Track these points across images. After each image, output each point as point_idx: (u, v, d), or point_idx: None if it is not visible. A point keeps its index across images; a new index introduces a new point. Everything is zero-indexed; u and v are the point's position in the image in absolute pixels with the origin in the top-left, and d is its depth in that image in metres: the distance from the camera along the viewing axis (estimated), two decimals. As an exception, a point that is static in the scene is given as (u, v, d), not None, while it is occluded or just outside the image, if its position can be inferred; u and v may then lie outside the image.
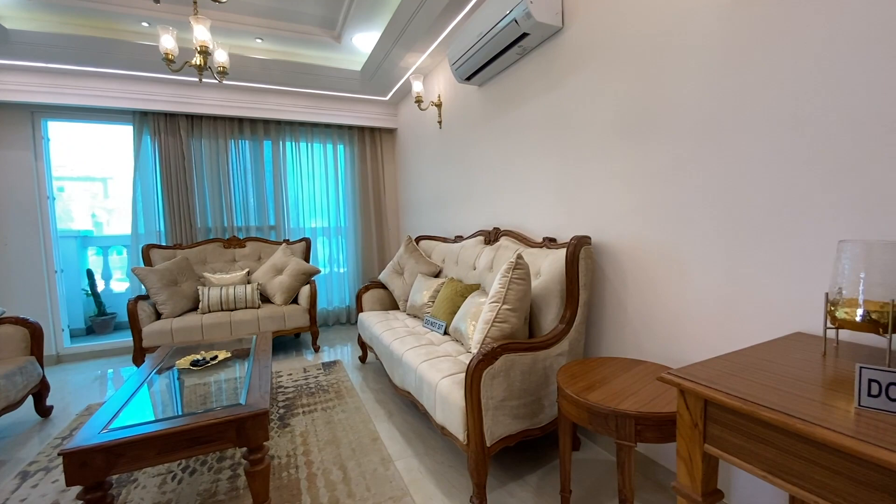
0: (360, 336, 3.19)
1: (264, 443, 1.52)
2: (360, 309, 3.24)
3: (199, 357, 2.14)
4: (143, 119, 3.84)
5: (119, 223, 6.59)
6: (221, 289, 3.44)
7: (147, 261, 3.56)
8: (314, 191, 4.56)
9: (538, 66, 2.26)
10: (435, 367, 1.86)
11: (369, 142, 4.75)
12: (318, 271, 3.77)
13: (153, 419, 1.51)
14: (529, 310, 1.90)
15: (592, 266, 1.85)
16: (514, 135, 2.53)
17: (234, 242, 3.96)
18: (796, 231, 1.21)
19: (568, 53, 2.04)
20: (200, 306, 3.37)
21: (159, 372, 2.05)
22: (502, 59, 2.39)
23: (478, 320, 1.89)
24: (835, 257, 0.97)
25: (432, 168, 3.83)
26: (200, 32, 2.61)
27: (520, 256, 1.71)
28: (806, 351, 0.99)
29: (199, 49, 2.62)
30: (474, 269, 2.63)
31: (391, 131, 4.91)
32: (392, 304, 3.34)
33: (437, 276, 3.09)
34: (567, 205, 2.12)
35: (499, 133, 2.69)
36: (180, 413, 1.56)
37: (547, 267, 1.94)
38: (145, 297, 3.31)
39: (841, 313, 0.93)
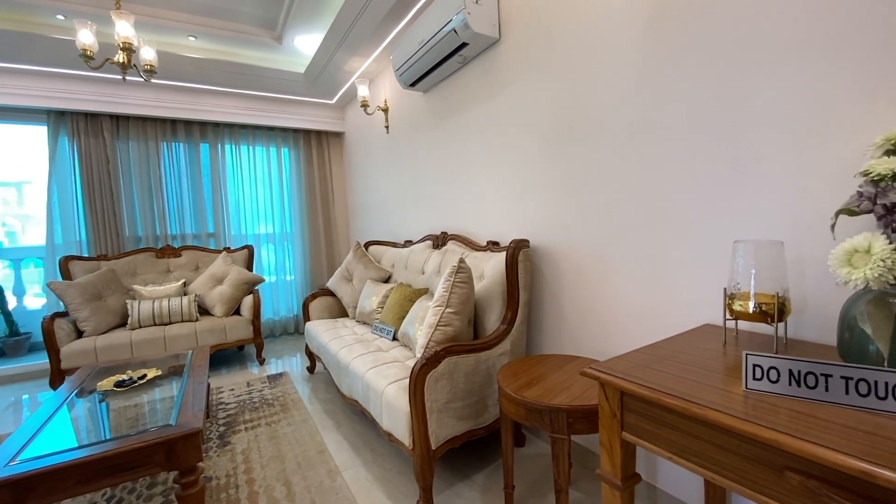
0: (307, 346, 3.10)
1: (198, 464, 1.44)
2: (307, 318, 3.15)
3: (124, 377, 1.99)
4: (59, 119, 3.51)
5: (36, 233, 5.94)
6: (154, 302, 3.21)
7: (66, 274, 3.25)
8: (257, 196, 4.38)
9: (478, 76, 2.33)
10: (382, 374, 1.85)
11: (316, 145, 4.64)
12: (262, 280, 3.62)
13: (69, 447, 1.39)
14: (474, 312, 1.95)
15: (531, 268, 1.93)
16: (458, 141, 2.58)
17: (168, 252, 3.71)
18: (702, 232, 1.33)
19: (505, 64, 2.12)
20: (130, 321, 3.13)
21: (80, 395, 1.88)
22: (444, 66, 2.43)
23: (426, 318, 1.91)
24: (731, 256, 1.08)
25: (381, 173, 3.81)
26: (123, 28, 2.45)
27: (462, 260, 1.75)
28: (711, 341, 1.10)
29: (121, 46, 2.46)
30: (423, 273, 2.64)
31: (339, 135, 4.83)
32: (341, 312, 3.28)
33: (386, 281, 3.07)
34: (509, 209, 2.19)
35: (444, 139, 2.73)
36: (106, 438, 1.44)
37: (490, 270, 2.00)
38: (64, 314, 3.02)
39: (737, 306, 1.04)
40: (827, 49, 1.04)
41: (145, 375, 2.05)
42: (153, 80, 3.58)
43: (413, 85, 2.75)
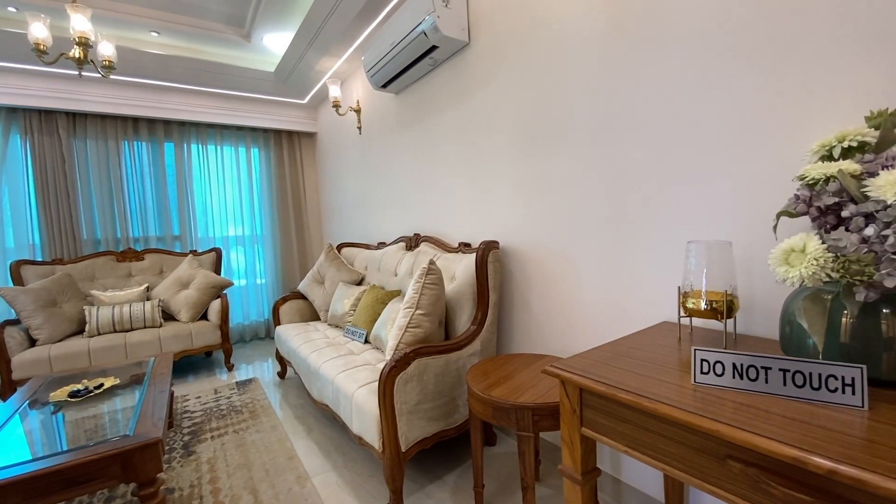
0: (277, 351, 3.04)
1: (158, 475, 1.39)
2: (277, 322, 3.09)
3: (79, 387, 1.90)
4: (10, 116, 3.32)
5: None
6: (114, 308, 3.08)
7: (17, 279, 3.07)
8: (225, 197, 4.25)
9: (449, 78, 2.35)
10: (352, 378, 1.83)
11: (287, 145, 4.55)
12: (230, 284, 3.53)
13: (18, 461, 1.31)
14: (445, 313, 1.96)
15: (500, 269, 1.96)
16: (430, 143, 2.59)
17: (130, 255, 3.56)
18: (659, 232, 1.38)
19: (474, 67, 2.15)
20: (87, 328, 2.98)
21: (32, 406, 1.78)
22: (415, 69, 2.44)
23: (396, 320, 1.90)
24: (685, 256, 1.13)
25: (354, 174, 3.77)
26: (79, 22, 2.35)
27: (432, 262, 1.76)
28: (667, 338, 1.15)
29: (77, 40, 2.35)
30: (395, 275, 2.63)
31: (311, 135, 4.75)
32: (312, 316, 3.22)
33: (359, 283, 3.05)
34: (480, 211, 2.22)
35: (417, 141, 2.74)
36: (62, 450, 1.37)
37: (461, 271, 2.01)
38: (15, 322, 2.86)
39: (690, 304, 1.09)
40: (769, 59, 1.10)
41: (102, 385, 1.96)
42: (113, 77, 3.44)
43: (385, 86, 2.74)
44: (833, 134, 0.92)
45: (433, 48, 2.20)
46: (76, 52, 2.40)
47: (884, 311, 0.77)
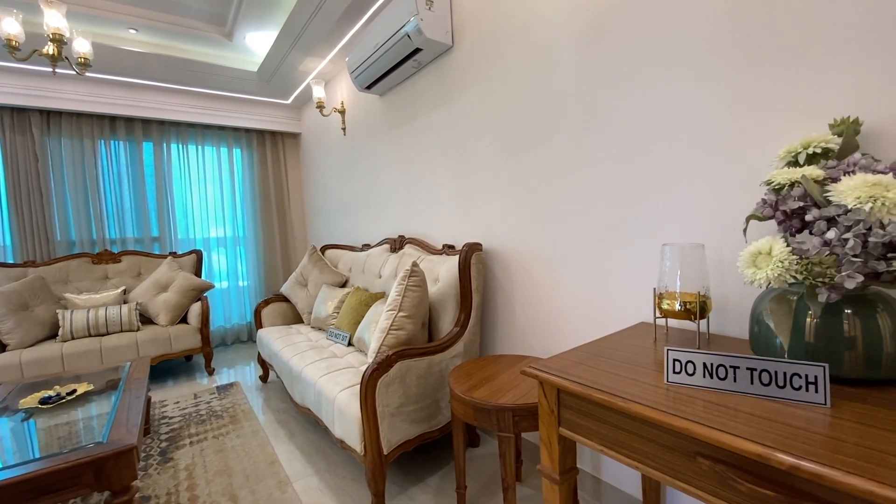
0: (259, 354, 2.99)
1: (132, 483, 1.36)
2: (259, 325, 3.05)
3: (51, 393, 1.84)
4: (-22, 113, 3.21)
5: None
6: (88, 311, 2.99)
7: (-15, 282, 2.96)
8: (207, 198, 4.18)
9: (433, 81, 2.36)
10: (334, 381, 1.82)
11: (270, 146, 4.50)
12: (211, 286, 3.47)
13: (-18, 472, 1.27)
14: (429, 315, 1.96)
15: (483, 270, 1.97)
16: (415, 144, 2.59)
17: (107, 257, 3.47)
18: (637, 234, 1.41)
19: (458, 71, 2.16)
20: (61, 333, 2.90)
21: (1, 413, 1.72)
22: (400, 70, 2.44)
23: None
24: (660, 258, 1.15)
25: (339, 175, 3.75)
26: (53, 18, 2.28)
27: (415, 264, 1.76)
28: (643, 338, 1.17)
29: (51, 37, 2.28)
30: (380, 277, 2.62)
31: (295, 136, 4.71)
32: (296, 318, 3.19)
33: (343, 286, 3.03)
34: (464, 213, 2.23)
35: (401, 142, 2.74)
36: (33, 458, 1.33)
37: (444, 273, 2.02)
38: (-17, 327, 2.76)
39: (665, 304, 1.11)
40: (740, 68, 1.14)
41: (75, 391, 1.91)
42: (89, 74, 3.35)
43: (369, 88, 2.73)
44: (799, 141, 0.96)
45: (417, 50, 2.20)
46: (50, 48, 2.34)
47: (846, 311, 0.80)
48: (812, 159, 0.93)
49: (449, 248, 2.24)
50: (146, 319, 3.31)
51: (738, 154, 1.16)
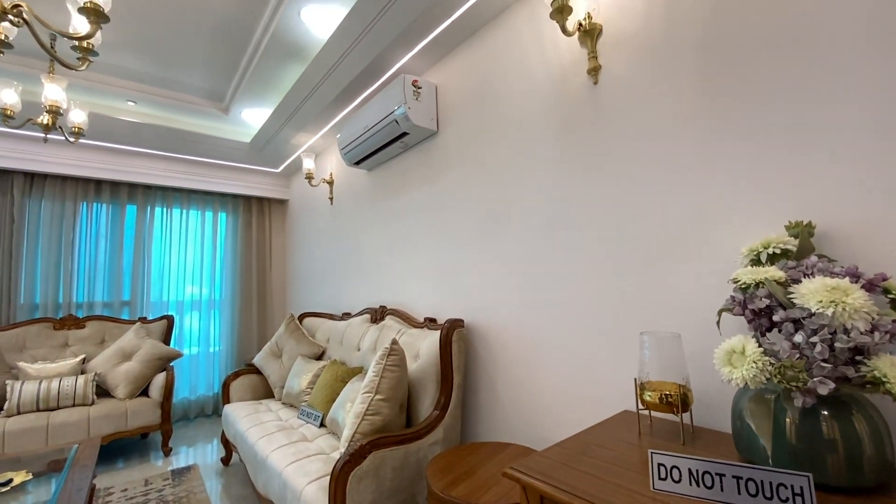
0: (223, 433, 2.77)
1: None
2: (226, 400, 2.86)
3: (-20, 485, 1.64)
4: (-41, 174, 3.19)
5: None
6: (40, 382, 2.77)
7: (-70, 350, 2.75)
8: (185, 259, 4.10)
9: (419, 161, 2.48)
10: (302, 470, 1.68)
11: (257, 211, 4.54)
12: (179, 355, 3.29)
13: None
14: (407, 396, 1.88)
15: (465, 348, 1.93)
16: (399, 218, 2.66)
17: (70, 322, 3.29)
18: (617, 319, 1.43)
19: (442, 154, 2.29)
20: (6, 406, 2.65)
21: (-89, 511, 1.51)
22: (387, 150, 2.57)
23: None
24: (639, 346, 1.16)
25: (323, 243, 3.77)
26: (52, 91, 2.37)
27: (394, 342, 1.72)
28: (628, 431, 1.14)
29: (48, 108, 2.35)
30: (358, 350, 2.54)
31: (282, 202, 4.78)
32: (266, 392, 3.01)
33: (319, 358, 2.91)
34: (446, 286, 2.23)
35: (386, 215, 2.80)
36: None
37: (425, 349, 1.97)
38: (-84, 400, 2.51)
39: (647, 396, 1.10)
40: (707, 165, 1.24)
41: (11, 480, 1.70)
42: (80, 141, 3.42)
43: (357, 163, 2.85)
44: (759, 240, 1.02)
45: (404, 134, 2.34)
46: (45, 118, 2.40)
47: (823, 412, 0.80)
48: (773, 258, 0.99)
49: (430, 322, 2.21)
50: (104, 392, 3.07)
51: (708, 246, 1.22)
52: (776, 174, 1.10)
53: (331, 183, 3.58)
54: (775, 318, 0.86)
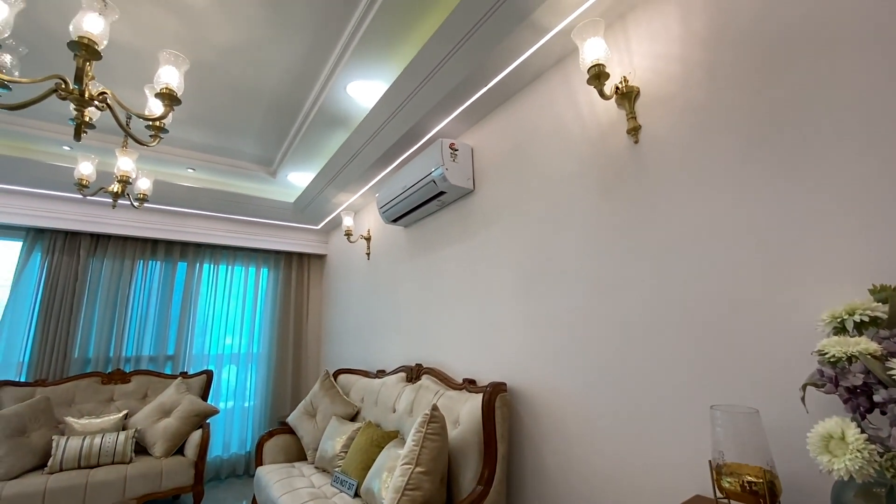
0: (255, 498, 2.68)
1: None
2: (259, 462, 2.79)
3: (18, 551, 1.62)
4: (37, 236, 3.50)
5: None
6: (84, 438, 2.82)
7: (-9, 403, 2.88)
8: (226, 314, 4.23)
9: (455, 219, 2.51)
10: (337, 547, 1.57)
11: (296, 266, 4.69)
12: (216, 412, 3.29)
13: None
14: (448, 467, 1.76)
15: (508, 414, 1.82)
16: (436, 275, 2.66)
17: (117, 377, 3.39)
18: (683, 390, 1.31)
19: (479, 211, 2.31)
20: (50, 463, 2.69)
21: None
22: (424, 208, 2.63)
23: (392, 477, 1.70)
24: (710, 422, 1.05)
25: (359, 298, 3.81)
26: (125, 163, 2.60)
27: (435, 408, 1.65)
28: (705, 524, 1.00)
29: (119, 178, 2.58)
30: (394, 411, 2.46)
31: (321, 257, 4.93)
32: (299, 454, 2.92)
33: (353, 418, 2.83)
34: (485, 345, 2.16)
35: (422, 271, 2.81)
36: None
37: (466, 415, 1.87)
38: (-29, 454, 2.60)
39: (726, 483, 0.97)
40: (777, 223, 1.18)
41: (46, 547, 1.68)
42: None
43: (395, 221, 2.93)
44: (841, 306, 0.93)
45: (441, 193, 2.40)
46: (115, 187, 2.63)
47: (953, 516, 0.67)
48: (859, 327, 0.89)
49: (470, 384, 2.12)
50: (141, 449, 3.08)
51: (780, 311, 1.13)
52: (855, 230, 1.02)
53: (368, 239, 3.68)
54: (876, 398, 0.76)
